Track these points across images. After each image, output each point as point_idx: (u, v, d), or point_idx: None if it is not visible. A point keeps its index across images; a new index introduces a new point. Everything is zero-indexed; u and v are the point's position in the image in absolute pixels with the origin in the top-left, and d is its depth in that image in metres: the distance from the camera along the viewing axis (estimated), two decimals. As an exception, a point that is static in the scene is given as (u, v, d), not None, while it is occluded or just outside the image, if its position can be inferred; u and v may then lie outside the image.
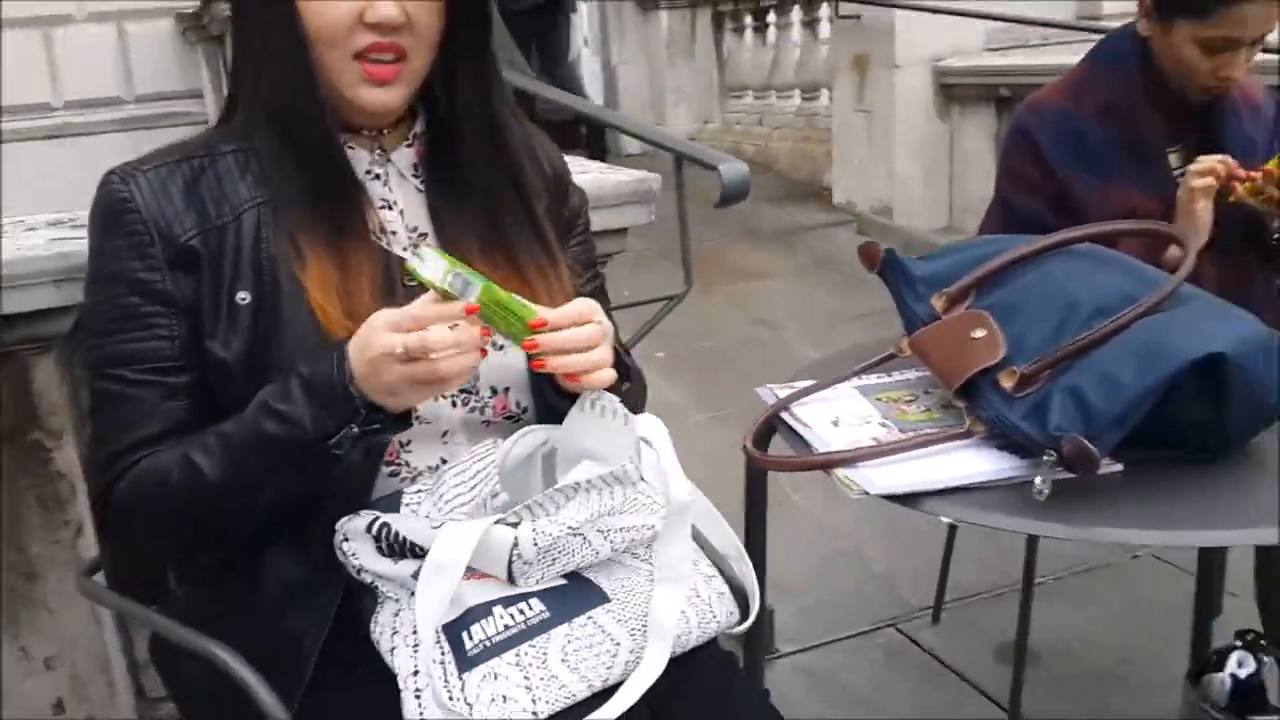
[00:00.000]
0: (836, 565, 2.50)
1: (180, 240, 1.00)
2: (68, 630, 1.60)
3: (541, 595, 0.98)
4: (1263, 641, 1.35)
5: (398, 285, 1.03)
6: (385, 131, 1.09)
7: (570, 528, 0.96)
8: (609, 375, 0.99)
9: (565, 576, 1.00)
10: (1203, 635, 1.88)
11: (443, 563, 0.93)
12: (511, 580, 0.97)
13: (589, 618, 0.98)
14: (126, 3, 6.05)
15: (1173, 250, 1.49)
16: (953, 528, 2.15)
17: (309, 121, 1.02)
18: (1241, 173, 1.54)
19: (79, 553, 1.55)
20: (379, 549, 0.98)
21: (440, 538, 0.94)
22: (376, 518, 0.98)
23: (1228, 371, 1.00)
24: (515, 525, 0.96)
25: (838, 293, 4.30)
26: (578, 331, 0.96)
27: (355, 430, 0.93)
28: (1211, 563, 1.96)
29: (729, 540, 1.12)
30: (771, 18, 6.22)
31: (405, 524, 0.97)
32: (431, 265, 0.91)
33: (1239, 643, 1.34)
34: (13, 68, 5.79)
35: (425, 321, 0.89)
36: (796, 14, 6.01)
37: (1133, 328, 1.05)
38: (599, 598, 1.00)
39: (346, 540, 0.99)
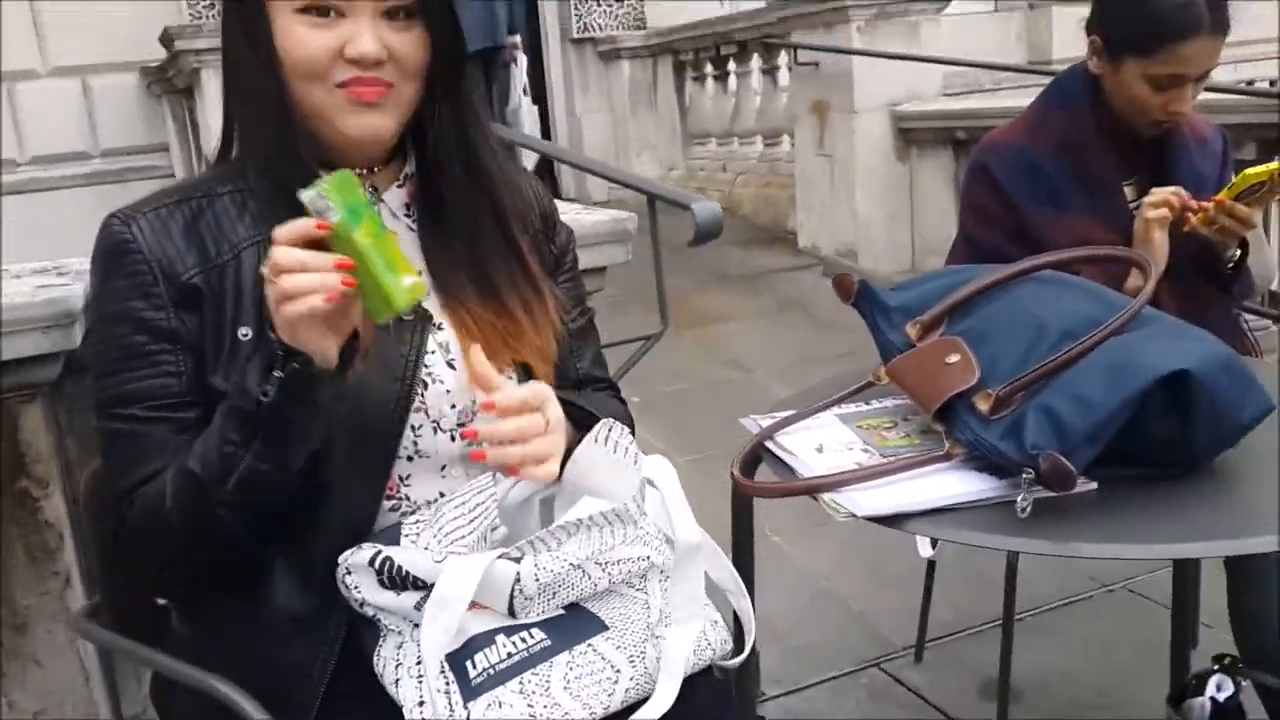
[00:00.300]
0: (817, 606, 2.52)
1: (183, 278, 1.02)
2: (56, 684, 1.58)
3: (541, 624, 1.00)
4: (1240, 665, 1.39)
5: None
6: (376, 170, 1.12)
7: (571, 563, 0.99)
8: (551, 470, 1.00)
9: (564, 607, 1.02)
10: (1181, 662, 1.91)
11: (447, 597, 0.95)
12: (512, 614, 0.99)
13: (589, 645, 1.00)
14: (90, 57, 6.07)
15: (1133, 279, 1.55)
16: (931, 564, 2.17)
17: (291, 159, 1.03)
18: (1194, 204, 1.61)
19: (67, 604, 1.54)
20: (380, 581, 1.00)
21: (445, 572, 0.96)
22: (379, 551, 1.00)
23: (1192, 388, 1.04)
24: (517, 560, 0.98)
25: (806, 334, 4.36)
26: (520, 422, 0.98)
27: (278, 374, 0.92)
28: (1186, 591, 1.99)
29: (726, 573, 1.14)
30: (731, 66, 6.34)
31: (407, 557, 0.99)
32: (313, 186, 0.91)
33: (1217, 667, 1.38)
34: (-24, 124, 5.80)
35: (281, 240, 0.90)
36: (756, 62, 6.13)
37: (1100, 348, 1.10)
38: (597, 626, 1.02)
39: (349, 573, 1.01)
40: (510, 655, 0.97)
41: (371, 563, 0.99)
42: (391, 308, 0.91)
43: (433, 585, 0.97)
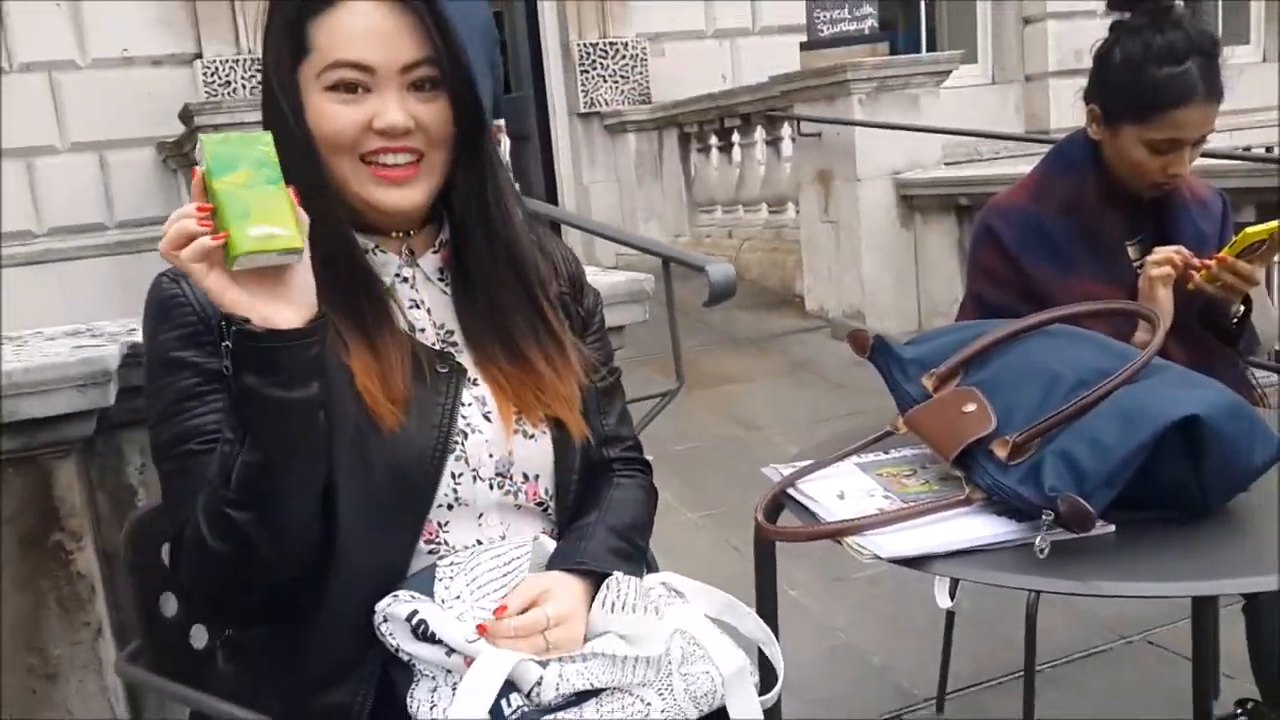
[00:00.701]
0: (837, 659, 2.52)
1: None
2: (87, 734, 1.59)
3: None
4: (1263, 707, 1.40)
5: (425, 370, 1.10)
6: (413, 233, 1.16)
7: (592, 684, 1.01)
8: (563, 653, 1.02)
9: None
10: (1203, 712, 1.90)
11: (476, 691, 0.97)
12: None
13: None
14: (108, 133, 6.22)
15: (1141, 334, 1.60)
16: (950, 616, 2.18)
17: (328, 227, 1.06)
18: (1197, 261, 1.66)
19: (99, 654, 1.56)
20: (414, 634, 1.02)
21: (475, 666, 0.98)
22: (415, 612, 1.02)
23: (1203, 433, 1.08)
24: (543, 665, 1.00)
25: (815, 395, 4.40)
26: (519, 621, 1.01)
27: (226, 344, 0.94)
28: (1205, 640, 2.00)
29: (753, 623, 1.17)
30: (736, 137, 6.47)
31: (443, 627, 1.00)
32: (200, 140, 0.96)
33: (1240, 711, 1.39)
34: (-4, 197, 5.94)
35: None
36: (759, 133, 6.25)
37: (1111, 397, 1.13)
38: (625, 668, 1.04)
39: (385, 621, 1.04)
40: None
41: (408, 619, 1.02)
42: (231, 252, 0.91)
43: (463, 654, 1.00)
